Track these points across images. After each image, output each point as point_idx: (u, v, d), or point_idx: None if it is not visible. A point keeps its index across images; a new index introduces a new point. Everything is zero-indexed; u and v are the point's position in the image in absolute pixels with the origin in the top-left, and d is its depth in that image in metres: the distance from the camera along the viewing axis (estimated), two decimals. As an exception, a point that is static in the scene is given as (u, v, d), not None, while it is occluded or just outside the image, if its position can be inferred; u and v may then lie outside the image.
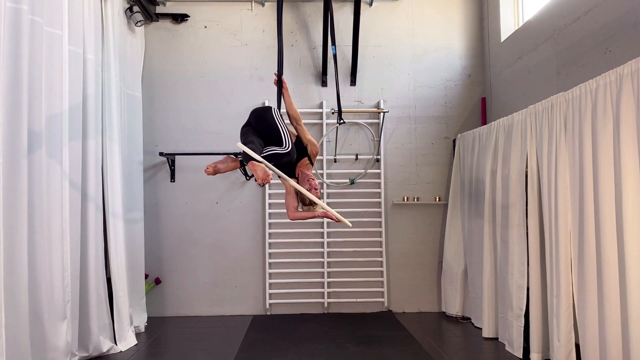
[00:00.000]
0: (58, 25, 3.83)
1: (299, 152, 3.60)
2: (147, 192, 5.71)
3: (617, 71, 3.15)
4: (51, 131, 3.76)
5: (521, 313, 4.22)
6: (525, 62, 5.10)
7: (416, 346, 4.59)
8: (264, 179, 3.13)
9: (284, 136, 3.40)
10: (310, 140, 3.71)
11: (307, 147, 3.68)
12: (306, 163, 3.70)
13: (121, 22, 5.09)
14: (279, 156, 3.33)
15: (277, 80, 3.89)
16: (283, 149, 3.35)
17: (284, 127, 3.49)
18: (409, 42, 6.15)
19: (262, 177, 3.12)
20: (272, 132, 3.43)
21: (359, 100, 6.08)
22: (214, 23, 6.06)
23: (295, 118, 3.74)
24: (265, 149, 3.33)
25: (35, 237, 3.55)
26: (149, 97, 5.87)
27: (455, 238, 5.69)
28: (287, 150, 3.35)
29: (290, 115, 3.76)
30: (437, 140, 6.12)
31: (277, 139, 3.39)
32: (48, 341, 3.65)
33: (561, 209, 3.71)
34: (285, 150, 3.35)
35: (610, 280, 3.21)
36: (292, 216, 3.66)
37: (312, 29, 6.09)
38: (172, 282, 5.84)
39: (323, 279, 5.88)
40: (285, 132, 3.45)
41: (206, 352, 4.52)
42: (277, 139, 3.39)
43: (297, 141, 3.64)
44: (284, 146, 3.35)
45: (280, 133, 3.42)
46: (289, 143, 3.39)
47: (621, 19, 3.67)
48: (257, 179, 3.15)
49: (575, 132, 3.57)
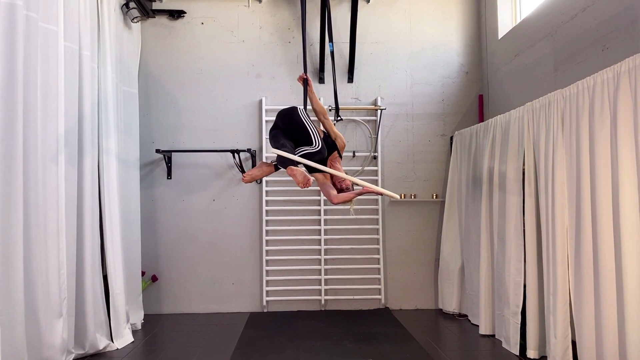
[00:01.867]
0: (53, 21, 3.81)
1: (329, 147, 3.63)
2: (143, 189, 5.69)
3: (615, 68, 3.15)
4: (47, 127, 3.74)
5: (518, 310, 4.23)
6: (523, 59, 5.10)
7: (413, 343, 4.59)
8: (305, 183, 3.15)
9: (312, 135, 3.43)
10: (338, 134, 3.77)
11: (335, 141, 3.73)
12: (336, 156, 3.75)
13: (117, 18, 5.06)
14: (310, 155, 3.37)
15: (302, 79, 3.92)
16: (314, 147, 3.38)
17: (312, 125, 3.52)
18: (406, 39, 6.14)
19: (303, 182, 3.16)
20: (301, 132, 3.46)
21: (356, 97, 6.07)
22: (211, 19, 6.03)
23: (322, 113, 3.81)
24: (297, 150, 3.35)
25: (30, 234, 3.53)
26: (145, 93, 5.85)
27: (452, 235, 5.70)
28: (318, 149, 3.39)
29: (317, 111, 3.84)
30: (434, 138, 6.12)
31: (307, 138, 3.42)
32: (44, 339, 3.64)
33: (558, 206, 3.71)
34: (316, 149, 3.39)
35: (607, 278, 3.22)
36: (337, 200, 3.63)
37: (310, 25, 6.06)
38: (168, 279, 5.83)
39: (320, 276, 5.88)
40: (314, 130, 3.49)
41: (203, 349, 4.51)
42: (307, 138, 3.42)
43: (325, 136, 3.68)
44: (314, 145, 3.39)
45: (309, 132, 3.46)
46: (319, 141, 3.42)
47: (619, 16, 3.67)
48: (298, 184, 3.17)
49: (572, 129, 3.57)
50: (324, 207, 5.90)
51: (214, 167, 5.91)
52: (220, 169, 5.92)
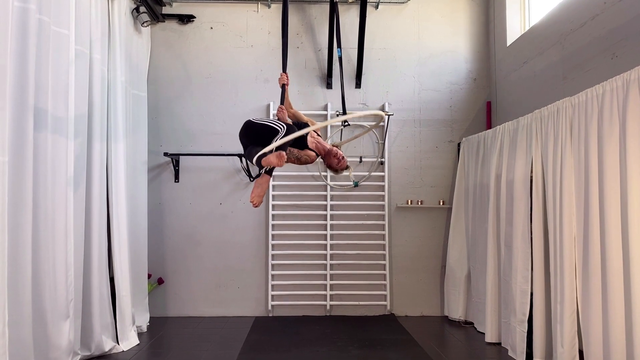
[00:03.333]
0: (65, 25, 3.85)
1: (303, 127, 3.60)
2: (151, 192, 5.72)
3: (624, 77, 3.14)
4: (57, 130, 3.77)
5: (524, 318, 4.20)
6: (531, 66, 5.09)
7: (418, 350, 4.57)
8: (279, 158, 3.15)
9: (274, 125, 3.35)
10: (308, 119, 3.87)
11: (308, 124, 3.76)
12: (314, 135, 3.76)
13: (127, 22, 5.11)
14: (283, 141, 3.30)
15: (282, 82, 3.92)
16: (281, 132, 3.31)
17: (269, 120, 3.50)
18: (414, 45, 6.14)
19: (278, 159, 3.15)
20: (263, 132, 3.38)
21: (363, 102, 6.08)
22: (220, 24, 6.07)
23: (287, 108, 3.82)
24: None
25: (39, 235, 3.56)
26: (154, 97, 5.89)
27: (458, 242, 5.68)
28: (285, 130, 3.30)
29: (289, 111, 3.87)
30: (441, 144, 6.11)
31: (271, 131, 3.33)
32: (51, 340, 3.66)
33: (566, 215, 3.69)
34: (283, 131, 3.29)
35: (615, 287, 3.19)
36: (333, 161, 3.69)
37: (318, 31, 6.09)
38: (174, 282, 5.85)
39: (326, 281, 5.87)
40: (273, 121, 3.42)
41: (208, 353, 4.51)
42: (271, 131, 3.33)
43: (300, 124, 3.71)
44: (280, 131, 3.32)
45: (268, 126, 3.37)
46: (283, 125, 3.33)
47: (629, 24, 3.66)
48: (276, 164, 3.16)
49: (581, 137, 3.56)
50: (330, 212, 5.90)
51: (221, 171, 5.93)
52: (227, 173, 5.94)
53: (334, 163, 3.73)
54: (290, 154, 3.53)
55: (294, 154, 3.58)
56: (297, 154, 3.60)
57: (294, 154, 3.58)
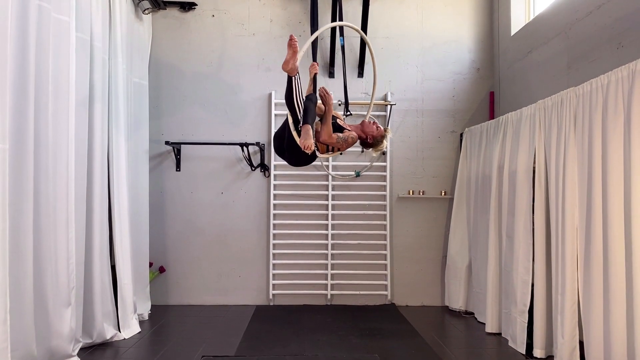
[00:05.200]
0: (66, 12, 3.80)
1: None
2: (152, 181, 5.71)
3: (630, 67, 3.11)
4: (58, 118, 3.75)
5: (525, 309, 4.21)
6: (535, 56, 5.05)
7: (419, 340, 4.59)
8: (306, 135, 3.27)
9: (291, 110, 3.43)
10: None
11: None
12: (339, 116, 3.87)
13: (129, 9, 5.07)
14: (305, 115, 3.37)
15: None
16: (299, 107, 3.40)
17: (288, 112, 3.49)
18: (417, 34, 6.09)
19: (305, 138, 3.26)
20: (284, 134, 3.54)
21: (366, 92, 6.04)
22: (222, 12, 6.02)
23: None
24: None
25: (40, 223, 3.55)
26: (155, 85, 5.86)
27: (460, 232, 5.67)
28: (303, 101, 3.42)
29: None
30: (444, 134, 6.08)
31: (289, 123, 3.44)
32: (52, 327, 3.67)
33: (568, 206, 3.68)
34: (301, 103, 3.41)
35: (617, 278, 3.19)
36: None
37: (321, 19, 6.03)
38: (176, 270, 5.87)
39: (327, 271, 5.89)
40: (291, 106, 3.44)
41: (209, 341, 4.53)
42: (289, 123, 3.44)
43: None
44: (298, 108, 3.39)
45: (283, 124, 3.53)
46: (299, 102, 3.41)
47: (635, 13, 3.62)
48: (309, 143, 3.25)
49: (585, 128, 3.53)
50: (331, 202, 5.90)
51: (223, 160, 5.92)
52: (229, 162, 5.93)
53: (373, 130, 3.77)
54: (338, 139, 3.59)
55: (341, 137, 3.62)
56: (344, 137, 3.64)
57: (341, 138, 3.62)
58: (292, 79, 3.36)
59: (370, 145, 3.87)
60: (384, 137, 3.83)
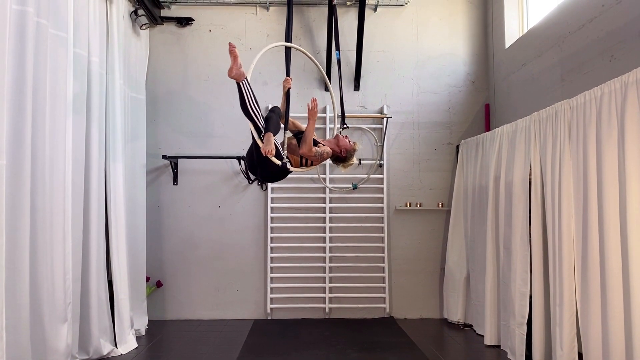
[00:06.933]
0: (63, 28, 3.84)
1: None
2: (149, 195, 5.70)
3: (622, 79, 3.14)
4: (54, 133, 3.76)
5: (523, 321, 4.20)
6: (530, 68, 5.10)
7: (417, 353, 4.56)
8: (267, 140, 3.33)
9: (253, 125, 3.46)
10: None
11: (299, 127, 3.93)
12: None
13: (126, 25, 5.11)
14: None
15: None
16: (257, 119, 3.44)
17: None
18: (413, 48, 6.15)
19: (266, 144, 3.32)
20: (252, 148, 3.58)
21: (362, 105, 6.08)
22: (219, 27, 6.07)
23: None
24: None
25: (37, 238, 3.54)
26: (152, 100, 5.88)
27: (457, 244, 5.67)
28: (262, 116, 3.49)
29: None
30: (440, 146, 6.11)
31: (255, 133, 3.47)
32: (48, 343, 3.64)
33: (564, 217, 3.69)
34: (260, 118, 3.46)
35: (614, 289, 3.18)
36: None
37: (316, 33, 6.10)
38: (173, 285, 5.84)
39: (324, 284, 5.87)
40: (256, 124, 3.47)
41: (207, 356, 4.50)
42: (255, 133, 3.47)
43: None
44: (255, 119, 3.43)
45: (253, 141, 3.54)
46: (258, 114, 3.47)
47: (627, 26, 3.67)
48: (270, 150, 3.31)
49: (579, 139, 3.56)
50: (329, 214, 5.90)
51: (220, 173, 5.93)
52: (226, 175, 5.93)
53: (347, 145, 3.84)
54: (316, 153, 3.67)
55: (318, 151, 3.70)
56: (321, 151, 3.72)
57: (318, 152, 3.70)
58: (240, 85, 3.40)
59: (342, 159, 3.89)
60: (355, 151, 3.90)
